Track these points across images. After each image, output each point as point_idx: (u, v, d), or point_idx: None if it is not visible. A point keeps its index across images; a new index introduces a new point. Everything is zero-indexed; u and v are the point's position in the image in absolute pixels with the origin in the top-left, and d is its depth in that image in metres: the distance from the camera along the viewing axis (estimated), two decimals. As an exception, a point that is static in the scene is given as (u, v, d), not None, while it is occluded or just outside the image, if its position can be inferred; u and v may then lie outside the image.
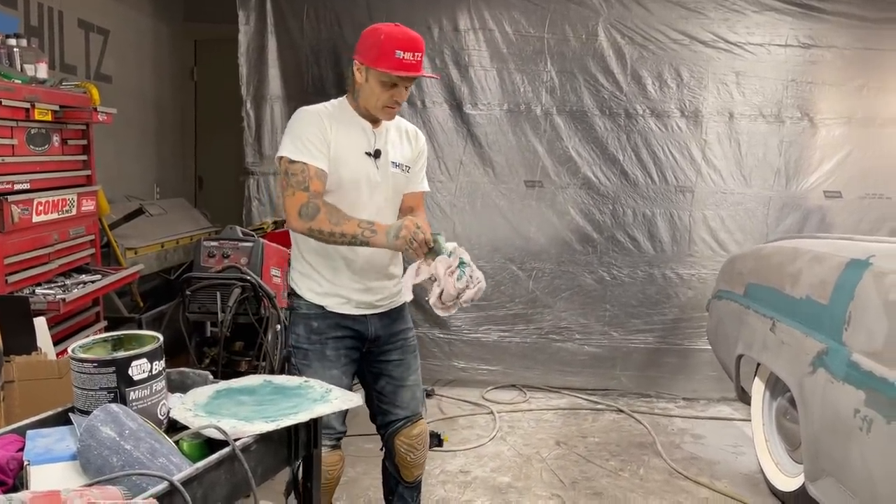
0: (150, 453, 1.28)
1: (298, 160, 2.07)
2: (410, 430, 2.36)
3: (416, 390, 2.38)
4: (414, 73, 2.09)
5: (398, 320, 2.35)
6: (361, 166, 2.18)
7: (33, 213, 2.43)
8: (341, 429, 2.28)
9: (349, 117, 2.19)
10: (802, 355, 2.72)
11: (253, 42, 4.60)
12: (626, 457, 3.67)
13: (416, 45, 2.09)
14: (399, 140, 2.30)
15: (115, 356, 1.46)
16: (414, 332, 2.43)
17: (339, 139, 2.14)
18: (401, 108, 2.24)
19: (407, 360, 2.36)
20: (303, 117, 2.16)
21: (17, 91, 2.34)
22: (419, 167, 2.35)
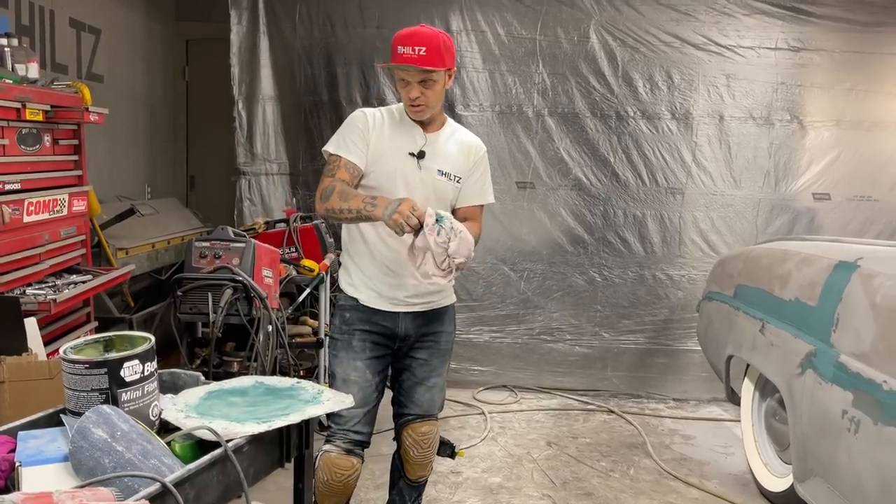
0: (141, 454, 1.29)
1: (335, 153, 2.22)
2: (419, 427, 2.39)
3: (435, 392, 2.39)
4: (407, 64, 2.11)
5: (434, 322, 2.36)
6: (400, 164, 2.24)
7: (24, 214, 2.42)
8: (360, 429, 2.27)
9: (400, 120, 2.29)
10: (791, 357, 2.75)
11: (245, 42, 4.60)
12: (616, 457, 3.69)
13: (416, 38, 2.12)
14: (454, 151, 2.32)
15: (106, 357, 1.46)
16: (451, 337, 2.43)
17: (383, 138, 2.25)
18: (429, 108, 2.22)
19: (432, 362, 2.37)
20: (352, 116, 2.30)
21: (7, 91, 2.33)
22: (474, 180, 2.36)
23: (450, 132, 2.35)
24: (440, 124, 2.34)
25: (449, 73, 2.24)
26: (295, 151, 4.75)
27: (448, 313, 2.43)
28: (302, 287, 3.81)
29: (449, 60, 2.19)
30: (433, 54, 2.13)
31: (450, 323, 2.44)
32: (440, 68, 2.16)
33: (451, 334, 2.44)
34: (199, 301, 3.03)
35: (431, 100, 2.20)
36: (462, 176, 2.31)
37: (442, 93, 2.25)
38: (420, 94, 2.17)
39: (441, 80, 2.20)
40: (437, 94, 2.21)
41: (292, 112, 4.72)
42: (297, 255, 4.00)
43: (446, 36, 2.22)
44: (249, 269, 3.09)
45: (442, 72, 2.19)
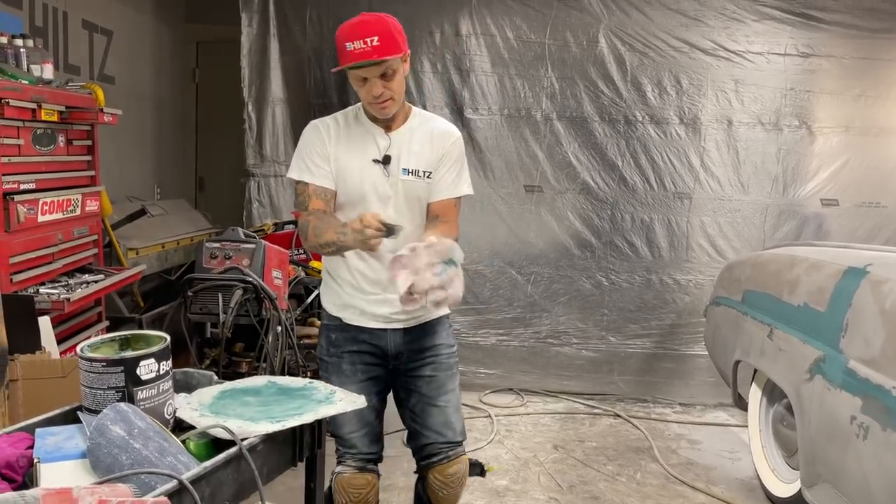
0: (158, 452, 1.30)
1: (300, 179, 2.04)
2: (446, 468, 2.16)
3: (449, 413, 2.16)
4: (364, 60, 1.88)
5: (427, 336, 2.16)
6: (367, 176, 2.03)
7: (38, 213, 2.44)
8: (367, 450, 2.15)
9: (359, 124, 2.08)
10: (800, 362, 2.75)
11: (255, 44, 4.63)
12: (623, 461, 3.69)
13: (363, 29, 1.90)
14: (421, 143, 2.08)
15: (123, 356, 1.48)
16: (452, 350, 2.21)
17: (342, 150, 2.04)
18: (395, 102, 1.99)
19: (439, 378, 2.15)
20: (304, 134, 2.10)
21: (23, 91, 2.36)
22: (444, 171, 2.09)
23: (416, 124, 2.10)
24: (404, 118, 2.09)
25: (405, 59, 2.00)
26: (304, 154, 4.76)
27: (442, 325, 2.21)
28: (310, 288, 3.83)
29: (404, 44, 1.97)
30: (387, 42, 1.90)
31: (448, 335, 2.22)
32: (398, 55, 1.92)
33: (451, 347, 2.22)
34: (210, 301, 3.05)
35: (397, 92, 1.98)
36: (432, 170, 2.08)
37: (404, 82, 2.02)
38: (383, 88, 1.94)
39: (401, 68, 1.98)
40: (400, 85, 1.99)
41: (302, 114, 4.74)
42: (306, 257, 4.01)
43: (393, 18, 1.99)
44: (259, 270, 3.11)
45: (399, 58, 1.95)
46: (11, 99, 2.26)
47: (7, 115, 2.27)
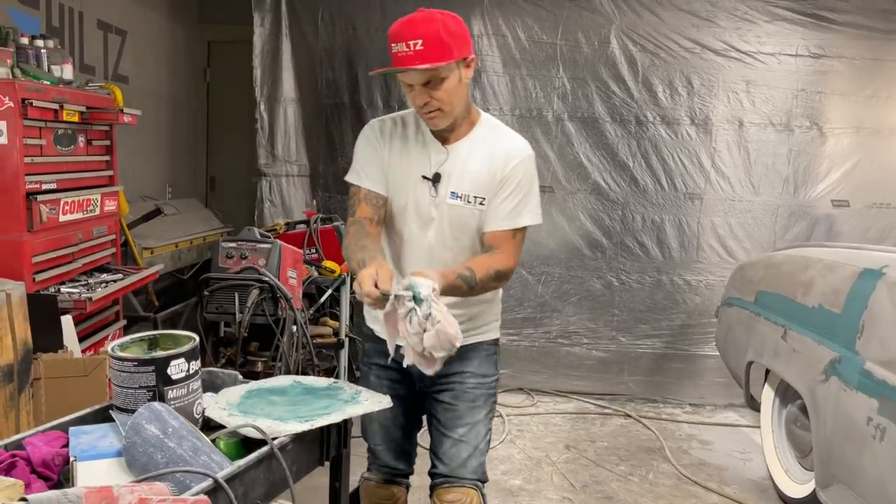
0: (192, 451, 1.32)
1: (353, 182, 1.90)
2: (445, 493, 1.95)
3: (462, 447, 1.94)
4: (402, 67, 1.69)
5: (454, 362, 1.86)
6: (412, 193, 1.85)
7: (60, 213, 2.47)
8: (392, 464, 2.05)
9: (414, 132, 1.87)
10: (815, 363, 2.75)
11: (268, 44, 4.65)
12: (634, 461, 3.70)
13: (409, 31, 1.69)
14: (480, 162, 1.83)
15: (153, 355, 1.49)
16: (482, 381, 1.97)
17: (395, 157, 1.87)
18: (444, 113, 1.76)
19: (458, 409, 1.94)
20: (361, 133, 1.94)
21: (46, 92, 2.38)
22: (502, 198, 1.83)
23: (480, 138, 1.85)
24: (468, 128, 1.86)
25: (466, 63, 1.77)
26: (316, 153, 4.79)
27: (476, 353, 1.95)
28: (322, 288, 3.84)
29: (458, 48, 1.72)
30: (433, 46, 1.67)
31: (482, 364, 1.96)
32: (446, 62, 1.68)
33: (483, 378, 1.96)
34: (226, 301, 3.07)
35: (447, 103, 1.75)
36: (486, 196, 1.83)
37: (460, 91, 1.77)
38: (429, 98, 1.74)
39: (454, 76, 1.73)
40: (451, 94, 1.74)
41: (313, 114, 4.77)
42: (318, 257, 4.03)
43: (450, 17, 1.74)
44: (275, 269, 3.13)
45: (451, 65, 1.71)
46: (35, 100, 2.28)
47: (30, 115, 2.29)
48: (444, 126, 1.82)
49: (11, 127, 2.21)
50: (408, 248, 1.91)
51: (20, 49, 2.47)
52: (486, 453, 2.02)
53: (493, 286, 1.88)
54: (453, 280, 1.72)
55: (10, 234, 2.26)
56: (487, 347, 2.00)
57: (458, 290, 1.76)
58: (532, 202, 1.89)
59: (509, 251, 1.86)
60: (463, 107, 1.82)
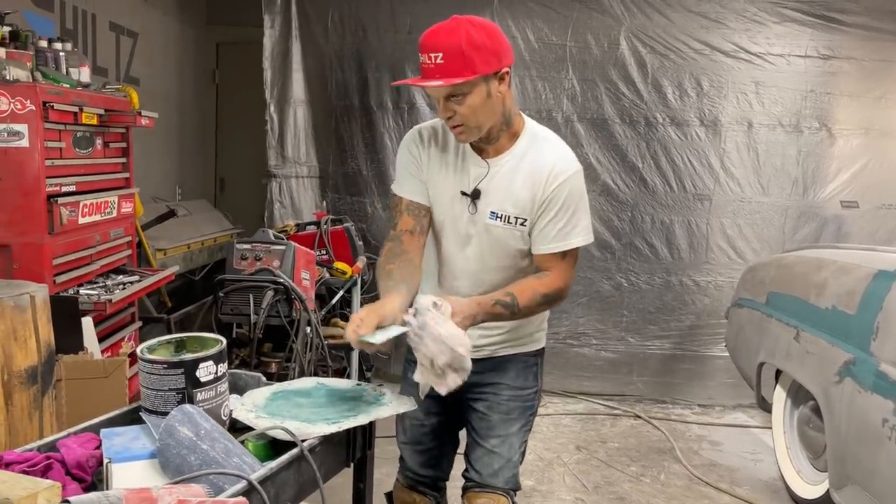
0: (224, 453, 1.33)
1: (395, 192, 1.87)
2: (475, 498, 1.92)
3: (494, 458, 1.90)
4: (421, 82, 1.64)
5: (490, 372, 1.88)
6: (448, 209, 1.78)
7: (79, 215, 2.48)
8: (417, 470, 2.02)
9: (455, 143, 1.78)
10: (828, 364, 2.76)
11: (278, 46, 4.65)
12: (646, 462, 3.71)
13: (431, 42, 1.62)
14: (523, 180, 1.74)
15: (183, 358, 1.50)
16: (519, 393, 1.92)
17: (434, 170, 1.80)
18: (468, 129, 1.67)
19: (491, 419, 1.89)
20: (402, 142, 1.88)
21: (66, 95, 2.39)
22: (549, 219, 1.72)
23: (522, 152, 1.74)
24: (510, 140, 1.75)
25: (501, 77, 1.67)
26: (325, 155, 4.80)
27: (513, 364, 1.91)
28: (333, 289, 3.86)
29: (484, 62, 1.61)
30: (453, 61, 1.58)
31: (519, 376, 1.91)
32: (465, 79, 1.59)
33: (519, 390, 1.91)
34: (241, 302, 3.08)
35: (471, 119, 1.65)
36: (528, 217, 1.74)
37: (490, 106, 1.65)
38: (452, 112, 1.65)
39: (480, 92, 1.63)
40: (475, 111, 1.64)
41: (323, 116, 4.77)
42: (328, 258, 4.04)
43: (479, 28, 1.64)
44: (290, 271, 3.14)
45: (475, 81, 1.61)
46: (56, 103, 2.29)
47: (51, 118, 2.30)
48: (472, 141, 1.73)
49: (33, 130, 2.23)
50: (448, 267, 1.86)
51: (39, 52, 2.48)
52: (520, 464, 1.97)
53: (541, 310, 1.82)
54: (490, 307, 1.68)
55: (32, 236, 2.28)
56: (526, 359, 1.93)
57: (500, 316, 1.72)
58: (581, 221, 1.76)
59: (559, 274, 1.76)
60: (496, 120, 1.70)
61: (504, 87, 1.69)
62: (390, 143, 4.68)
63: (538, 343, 1.98)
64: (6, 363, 1.89)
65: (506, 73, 1.69)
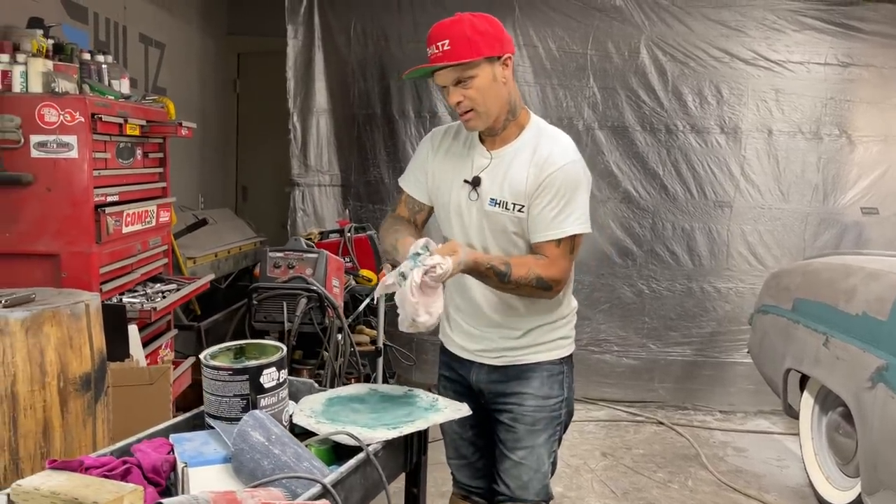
0: (295, 458, 1.36)
1: (400, 184, 2.03)
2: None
3: (522, 469, 1.89)
4: (434, 64, 1.71)
5: (513, 381, 1.89)
6: (454, 196, 1.87)
7: (123, 225, 2.52)
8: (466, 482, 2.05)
9: (465, 137, 1.88)
10: (860, 370, 2.78)
11: (300, 56, 4.70)
12: (672, 468, 3.73)
13: (435, 34, 1.72)
14: (520, 168, 1.79)
15: (247, 364, 1.54)
16: (544, 403, 1.90)
17: (439, 163, 1.92)
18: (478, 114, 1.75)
19: (517, 431, 1.88)
20: (421, 141, 2.02)
21: (111, 107, 2.44)
22: (542, 206, 1.77)
23: (523, 143, 1.81)
24: (515, 132, 1.82)
25: (504, 62, 1.74)
26: (348, 163, 4.84)
27: (537, 373, 1.89)
28: (358, 297, 3.89)
29: (488, 45, 1.70)
30: (459, 45, 1.67)
31: (543, 385, 1.89)
32: (472, 59, 1.67)
33: (544, 400, 1.89)
34: (274, 310, 3.11)
35: (480, 103, 1.73)
36: (524, 203, 1.79)
37: (496, 90, 1.73)
38: (461, 97, 1.73)
39: (486, 74, 1.71)
40: (485, 94, 1.72)
41: (346, 125, 4.82)
42: (353, 266, 4.08)
43: (481, 17, 1.74)
44: (322, 279, 3.17)
45: (481, 62, 1.69)
46: (104, 115, 2.34)
47: (99, 130, 2.35)
48: (482, 128, 1.80)
49: (82, 141, 2.27)
50: None
51: (83, 64, 2.53)
52: (551, 475, 1.97)
53: (533, 293, 1.79)
54: (484, 267, 1.73)
55: (80, 245, 2.32)
56: (550, 367, 1.91)
57: (488, 279, 1.76)
58: (576, 210, 1.77)
59: (554, 261, 1.77)
60: (502, 108, 1.78)
61: (508, 73, 1.77)
62: (412, 151, 4.71)
63: (563, 350, 1.96)
64: (62, 370, 1.92)
65: (508, 58, 1.77)
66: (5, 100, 2.27)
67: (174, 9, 4.63)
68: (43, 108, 2.26)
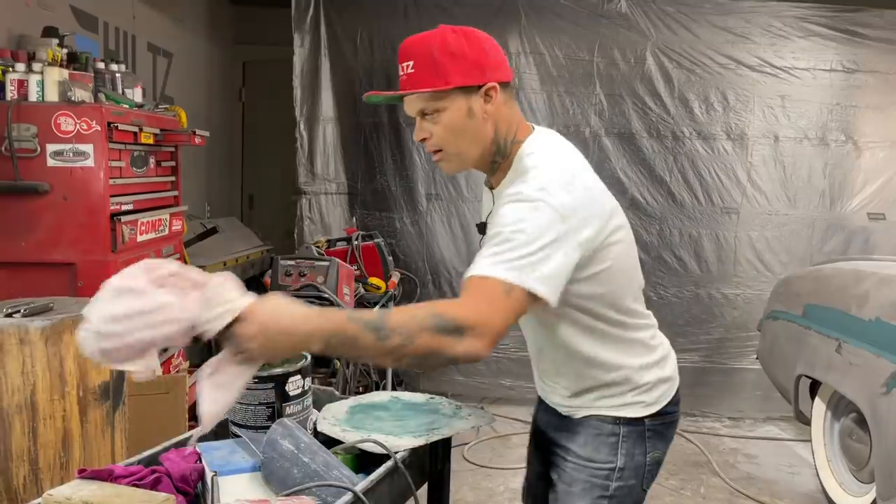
0: (324, 466, 1.35)
1: None
2: None
3: None
4: (385, 92, 1.45)
5: (562, 431, 1.57)
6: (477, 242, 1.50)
7: (137, 233, 2.51)
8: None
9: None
10: (874, 376, 2.77)
11: (307, 64, 4.70)
12: (684, 475, 3.71)
13: (403, 50, 1.41)
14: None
15: (273, 372, 1.53)
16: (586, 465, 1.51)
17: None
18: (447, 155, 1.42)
19: (557, 489, 1.56)
20: None
21: (126, 115, 2.44)
22: (489, 237, 1.33)
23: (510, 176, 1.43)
24: (507, 168, 1.44)
25: (486, 93, 1.37)
26: (354, 171, 4.84)
27: (585, 428, 1.53)
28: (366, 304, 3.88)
29: (461, 73, 1.35)
30: (423, 69, 1.35)
31: (588, 444, 1.51)
32: (436, 88, 1.33)
33: (586, 462, 1.51)
34: (286, 318, 3.10)
35: (449, 143, 1.39)
36: None
37: (473, 128, 1.38)
38: (427, 133, 1.39)
39: (458, 108, 1.36)
40: (455, 132, 1.38)
41: (352, 133, 4.82)
42: (361, 273, 4.07)
43: (461, 35, 1.38)
44: (334, 286, 3.17)
45: (452, 93, 1.35)
46: (120, 123, 2.34)
47: (115, 138, 2.35)
48: (456, 171, 1.48)
49: (98, 150, 2.27)
50: None
51: (97, 73, 2.53)
52: None
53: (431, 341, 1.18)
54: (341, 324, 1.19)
55: (96, 254, 2.31)
56: (599, 425, 1.51)
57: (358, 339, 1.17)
58: (512, 252, 1.26)
59: (469, 300, 1.24)
60: (485, 148, 1.41)
61: (491, 107, 1.38)
62: (419, 159, 4.72)
63: (620, 410, 1.51)
64: (81, 379, 1.92)
65: (492, 88, 1.38)
66: (22, 109, 2.27)
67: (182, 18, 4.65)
68: (59, 116, 2.26)
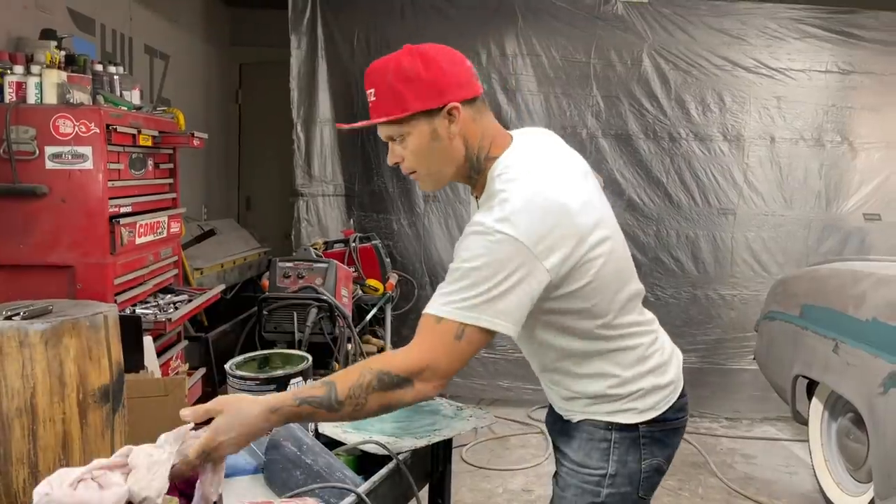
0: (327, 468, 1.35)
1: None
2: None
3: None
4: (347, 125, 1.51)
5: (563, 435, 1.55)
6: None
7: (136, 236, 2.51)
8: None
9: None
10: (872, 376, 2.78)
11: (304, 66, 4.70)
12: (682, 476, 3.72)
13: (366, 77, 1.44)
14: None
15: (274, 374, 1.54)
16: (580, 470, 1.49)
17: None
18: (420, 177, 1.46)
19: (555, 491, 1.57)
20: None
21: (124, 118, 2.43)
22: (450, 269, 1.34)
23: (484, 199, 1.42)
24: (484, 183, 1.44)
25: (448, 113, 1.38)
26: (351, 173, 4.84)
27: (579, 432, 1.51)
28: (364, 306, 3.88)
29: (419, 97, 1.36)
30: (384, 96, 1.39)
31: (581, 449, 1.50)
32: (396, 116, 1.36)
33: (578, 466, 1.49)
34: (284, 320, 3.09)
35: (419, 164, 1.41)
36: None
37: (440, 149, 1.39)
38: (399, 157, 1.43)
39: (422, 132, 1.38)
40: (420, 156, 1.40)
41: (349, 135, 4.82)
42: (358, 275, 4.07)
43: (415, 58, 1.40)
44: (332, 288, 3.16)
45: (414, 118, 1.37)
46: (118, 126, 2.33)
47: (114, 140, 2.34)
48: (434, 189, 1.53)
49: (97, 152, 2.27)
50: None
51: (95, 75, 2.53)
52: None
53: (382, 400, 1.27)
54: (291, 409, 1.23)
55: (95, 257, 2.31)
56: (591, 430, 1.48)
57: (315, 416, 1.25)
58: (468, 292, 1.27)
59: (416, 346, 1.28)
60: (459, 166, 1.43)
61: (457, 126, 1.39)
62: (415, 160, 4.72)
63: (618, 416, 1.48)
64: (81, 382, 1.91)
65: (454, 108, 1.38)
66: (20, 111, 2.26)
67: (179, 20, 4.65)
68: (58, 119, 2.26)
